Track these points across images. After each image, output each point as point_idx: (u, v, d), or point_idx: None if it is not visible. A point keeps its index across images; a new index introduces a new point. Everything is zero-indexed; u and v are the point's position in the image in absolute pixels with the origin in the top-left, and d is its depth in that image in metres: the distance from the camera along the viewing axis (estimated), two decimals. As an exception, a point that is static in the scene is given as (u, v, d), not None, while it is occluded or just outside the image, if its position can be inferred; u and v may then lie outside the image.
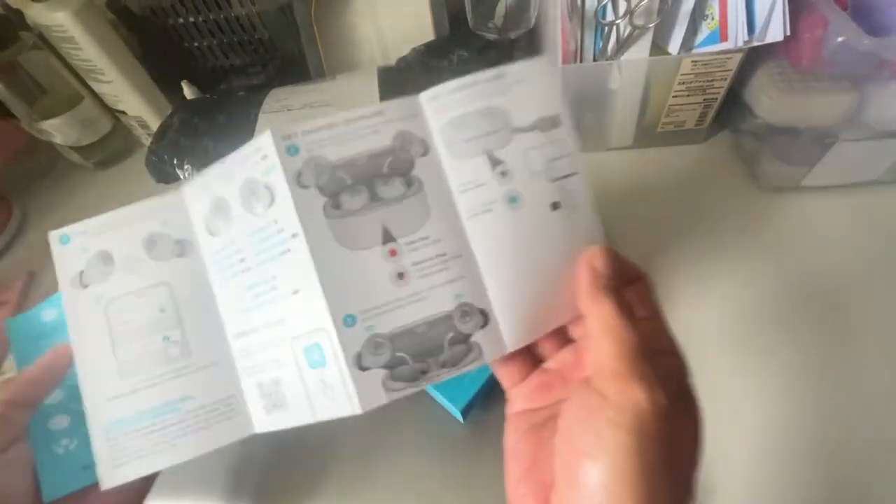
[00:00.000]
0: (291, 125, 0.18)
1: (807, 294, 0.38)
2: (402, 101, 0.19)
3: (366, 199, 0.18)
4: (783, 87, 0.40)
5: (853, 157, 0.40)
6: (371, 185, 0.18)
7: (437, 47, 0.45)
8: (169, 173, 0.39)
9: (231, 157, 0.20)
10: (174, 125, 0.40)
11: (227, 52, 0.54)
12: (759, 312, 0.37)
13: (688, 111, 0.46)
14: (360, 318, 0.17)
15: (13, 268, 0.50)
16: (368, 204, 0.18)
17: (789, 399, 0.33)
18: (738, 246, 0.41)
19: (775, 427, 0.32)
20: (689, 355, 0.35)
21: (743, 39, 0.39)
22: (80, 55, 0.48)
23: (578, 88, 0.44)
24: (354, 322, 0.17)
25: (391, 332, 0.18)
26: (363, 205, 0.18)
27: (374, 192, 0.18)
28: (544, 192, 0.20)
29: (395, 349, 0.18)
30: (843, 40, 0.35)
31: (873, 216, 0.42)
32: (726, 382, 0.34)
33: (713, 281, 0.39)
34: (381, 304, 0.18)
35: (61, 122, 0.52)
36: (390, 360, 0.18)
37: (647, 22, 0.38)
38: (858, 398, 0.33)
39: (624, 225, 0.44)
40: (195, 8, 0.51)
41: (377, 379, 0.18)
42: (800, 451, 0.31)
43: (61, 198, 0.56)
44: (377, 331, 0.18)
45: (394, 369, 0.18)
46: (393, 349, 0.18)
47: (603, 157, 0.50)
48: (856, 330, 0.36)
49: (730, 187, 0.45)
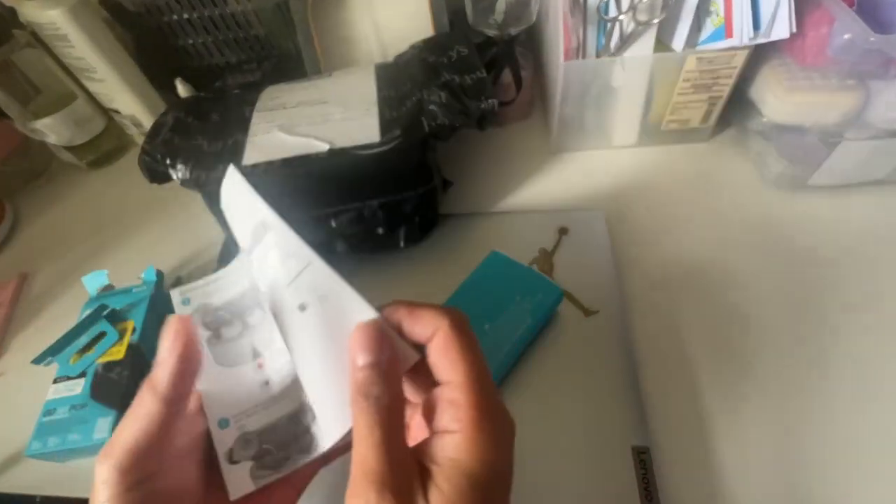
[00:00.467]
0: (187, 287, 0.23)
1: (813, 293, 0.37)
2: (240, 259, 0.24)
3: (240, 328, 0.23)
4: (788, 86, 0.40)
5: (859, 156, 0.40)
6: (242, 316, 0.23)
7: (435, 44, 0.44)
8: (162, 173, 0.38)
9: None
10: (168, 124, 0.40)
11: (222, 49, 0.54)
12: (764, 311, 0.37)
13: (693, 109, 0.45)
14: (233, 420, 0.22)
15: (6, 269, 0.49)
16: (241, 332, 0.23)
17: (791, 398, 0.33)
18: (743, 245, 0.41)
19: (779, 424, 0.32)
20: (692, 356, 0.35)
21: (748, 36, 0.38)
22: (74, 53, 0.48)
23: (581, 86, 0.43)
24: (228, 424, 0.22)
25: (258, 428, 0.22)
26: (238, 333, 0.23)
27: (244, 322, 0.23)
28: (287, 298, 0.21)
29: (262, 442, 0.22)
30: (850, 38, 0.35)
31: (879, 216, 0.41)
32: (732, 381, 0.34)
33: (718, 280, 0.39)
34: (251, 407, 0.22)
35: (54, 122, 0.51)
36: (257, 451, 0.21)
37: (651, 18, 0.38)
38: (863, 396, 0.32)
39: (628, 224, 0.43)
40: (190, 5, 0.50)
41: (245, 470, 0.21)
42: (801, 450, 0.31)
43: (54, 198, 0.56)
44: (247, 429, 0.22)
45: (260, 459, 0.21)
46: (260, 442, 0.22)
47: (607, 156, 0.49)
48: (863, 328, 0.35)
49: (735, 186, 0.45)
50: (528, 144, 0.51)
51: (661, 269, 0.40)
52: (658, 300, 0.38)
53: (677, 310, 0.37)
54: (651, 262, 0.40)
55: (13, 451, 0.36)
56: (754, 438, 0.31)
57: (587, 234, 0.41)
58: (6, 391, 0.40)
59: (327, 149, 0.37)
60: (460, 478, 0.18)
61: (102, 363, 0.35)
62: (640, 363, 0.35)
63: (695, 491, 0.30)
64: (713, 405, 0.33)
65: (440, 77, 0.40)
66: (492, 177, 0.49)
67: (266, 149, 0.38)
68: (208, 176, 0.37)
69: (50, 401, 0.34)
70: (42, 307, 0.45)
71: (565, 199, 0.46)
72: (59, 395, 0.34)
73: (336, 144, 0.37)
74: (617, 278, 0.38)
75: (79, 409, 0.34)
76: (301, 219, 0.40)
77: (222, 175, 0.37)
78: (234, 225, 0.24)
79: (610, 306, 0.37)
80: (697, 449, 0.31)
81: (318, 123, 0.39)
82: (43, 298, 0.46)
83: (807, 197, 0.43)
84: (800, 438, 0.31)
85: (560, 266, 0.40)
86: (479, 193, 0.47)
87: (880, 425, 0.31)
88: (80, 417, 0.33)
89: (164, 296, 0.42)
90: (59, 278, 0.47)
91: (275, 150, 0.37)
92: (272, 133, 0.39)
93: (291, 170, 0.37)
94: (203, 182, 0.37)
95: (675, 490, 0.30)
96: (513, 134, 0.53)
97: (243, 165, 0.37)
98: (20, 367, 0.41)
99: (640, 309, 0.37)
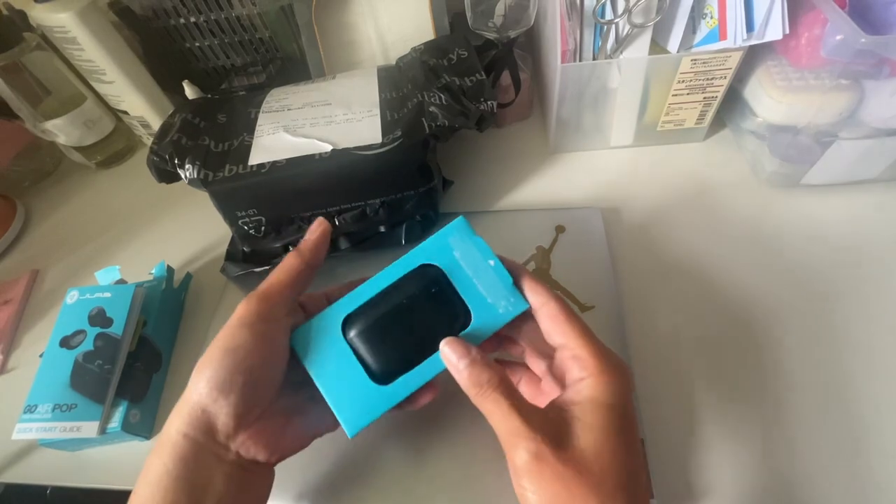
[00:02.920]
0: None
1: (806, 291, 0.38)
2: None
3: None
4: (782, 86, 0.40)
5: (852, 155, 0.40)
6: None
7: (436, 47, 0.45)
8: (170, 172, 0.39)
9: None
10: (176, 125, 0.41)
11: (228, 52, 0.55)
12: (758, 310, 0.37)
13: (688, 110, 0.46)
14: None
15: (17, 266, 0.50)
16: None
17: (784, 392, 0.33)
18: (737, 244, 0.41)
19: (773, 420, 0.32)
20: (686, 351, 0.36)
21: (742, 38, 0.39)
22: (83, 56, 0.49)
23: (578, 87, 0.44)
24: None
25: None
26: None
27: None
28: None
29: None
30: (842, 39, 0.35)
31: (872, 215, 0.42)
32: (726, 376, 0.34)
33: (713, 278, 0.39)
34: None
35: (64, 123, 0.52)
36: None
37: (646, 20, 0.39)
38: (858, 393, 0.33)
39: (624, 222, 0.44)
40: (196, 8, 0.51)
41: None
42: (803, 446, 0.31)
43: (64, 197, 0.57)
44: None
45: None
46: None
47: (604, 156, 0.50)
48: (855, 327, 0.36)
49: (730, 186, 0.46)
50: (526, 145, 0.52)
51: (657, 267, 0.41)
52: (653, 296, 0.39)
53: (672, 306, 0.38)
54: (646, 259, 0.41)
55: (26, 442, 0.37)
56: (748, 433, 0.32)
57: (584, 232, 0.42)
58: (19, 385, 0.41)
59: (331, 149, 0.38)
60: (600, 409, 0.22)
61: (82, 353, 0.35)
62: (634, 358, 0.35)
63: (688, 484, 0.30)
64: (707, 399, 0.33)
65: (440, 79, 0.41)
66: (491, 176, 0.50)
67: (271, 149, 0.39)
68: (215, 176, 0.38)
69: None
70: (53, 303, 0.46)
71: (563, 199, 0.47)
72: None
73: (339, 145, 0.38)
74: (613, 275, 0.39)
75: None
76: (306, 217, 0.41)
77: (229, 175, 0.38)
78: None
79: (606, 302, 0.38)
80: (691, 442, 0.32)
81: (322, 125, 0.40)
82: (54, 295, 0.47)
83: (800, 195, 0.44)
84: (793, 433, 0.32)
85: (557, 263, 0.41)
86: (478, 192, 0.48)
87: (875, 417, 0.32)
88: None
89: (175, 290, 0.43)
90: (69, 275, 0.49)
91: (280, 151, 0.38)
92: (277, 134, 0.40)
93: (296, 170, 0.38)
94: (210, 182, 0.38)
95: (669, 483, 0.30)
96: (512, 134, 0.54)
97: (249, 165, 0.38)
98: (31, 361, 0.42)
99: (635, 305, 0.38)
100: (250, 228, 0.41)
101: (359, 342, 0.27)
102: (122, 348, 0.36)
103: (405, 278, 0.27)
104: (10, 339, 0.44)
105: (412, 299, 0.27)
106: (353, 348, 0.27)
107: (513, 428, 0.21)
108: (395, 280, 0.27)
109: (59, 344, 0.36)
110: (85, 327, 0.36)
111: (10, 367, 0.43)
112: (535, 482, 0.21)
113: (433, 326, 0.26)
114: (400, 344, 0.27)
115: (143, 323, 0.38)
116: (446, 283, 0.27)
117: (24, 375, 0.42)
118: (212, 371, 0.24)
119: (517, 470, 0.21)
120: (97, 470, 0.36)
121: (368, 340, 0.27)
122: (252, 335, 0.24)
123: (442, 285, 0.27)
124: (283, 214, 0.41)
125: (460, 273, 0.27)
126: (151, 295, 0.40)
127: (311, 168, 0.37)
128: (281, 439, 0.26)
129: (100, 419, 0.33)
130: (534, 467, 0.21)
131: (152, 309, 0.39)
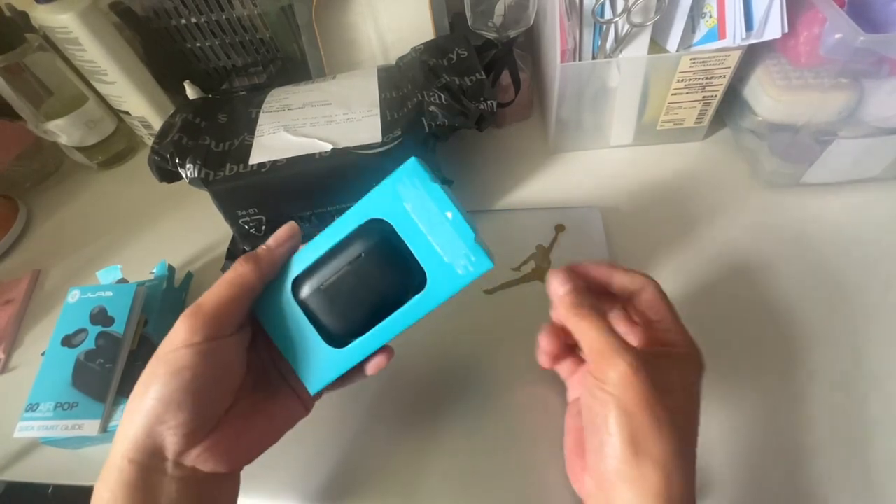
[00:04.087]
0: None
1: (806, 290, 0.38)
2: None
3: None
4: (782, 85, 0.40)
5: (852, 154, 0.40)
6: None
7: (436, 47, 0.45)
8: (172, 172, 0.39)
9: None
10: (177, 125, 0.41)
11: (229, 52, 0.55)
12: (759, 309, 0.37)
13: (687, 109, 0.46)
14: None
15: (19, 266, 0.51)
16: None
17: (782, 386, 0.33)
18: (737, 243, 0.41)
19: (770, 412, 0.32)
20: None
21: (741, 37, 0.39)
22: (85, 56, 0.49)
23: (577, 86, 0.44)
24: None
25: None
26: None
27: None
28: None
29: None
30: (840, 37, 0.35)
31: (872, 213, 0.42)
32: (724, 371, 0.34)
33: (713, 278, 0.39)
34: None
35: (66, 123, 0.53)
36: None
37: (645, 20, 0.39)
38: (861, 390, 0.33)
39: (624, 221, 0.44)
40: (197, 9, 0.51)
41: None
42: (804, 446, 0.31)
43: (66, 197, 0.57)
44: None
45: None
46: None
47: (603, 155, 0.50)
48: (856, 326, 0.36)
49: (729, 184, 0.46)
50: (526, 144, 0.52)
51: (656, 265, 0.41)
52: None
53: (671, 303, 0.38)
54: (646, 257, 0.41)
55: (28, 441, 0.37)
56: (746, 425, 0.32)
57: (584, 231, 0.42)
58: (20, 383, 0.41)
59: (331, 149, 0.38)
60: (692, 363, 0.25)
61: (84, 352, 0.35)
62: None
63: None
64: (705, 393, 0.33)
65: (440, 79, 0.41)
66: (491, 176, 0.50)
67: (272, 149, 0.39)
68: (216, 175, 0.38)
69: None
70: (55, 302, 0.47)
71: (563, 198, 0.47)
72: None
73: (339, 144, 0.38)
74: (612, 274, 0.39)
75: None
76: (306, 216, 0.41)
77: (229, 174, 0.39)
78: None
79: (605, 301, 0.38)
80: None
81: (322, 124, 0.40)
82: (55, 294, 0.48)
83: (800, 194, 0.44)
84: (793, 433, 0.32)
85: (557, 262, 0.41)
86: (478, 192, 0.48)
87: (870, 410, 0.32)
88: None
89: (176, 289, 0.43)
90: (70, 274, 0.49)
91: (280, 150, 0.39)
92: (278, 133, 0.40)
93: (296, 169, 0.38)
94: (211, 181, 0.38)
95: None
96: (511, 134, 0.54)
97: (250, 164, 0.38)
98: (33, 360, 0.42)
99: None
100: (251, 227, 0.41)
101: (307, 305, 0.25)
102: (123, 347, 0.36)
103: (350, 238, 0.25)
104: (12, 338, 0.44)
105: (356, 263, 0.24)
106: (303, 311, 0.25)
107: (612, 344, 0.23)
108: (341, 239, 0.25)
109: (60, 343, 0.36)
110: (86, 326, 0.36)
111: (12, 365, 0.43)
112: (624, 391, 0.22)
113: (381, 291, 0.25)
114: (348, 309, 0.25)
115: (145, 322, 0.38)
116: (396, 240, 0.24)
117: (26, 374, 0.42)
118: (157, 391, 0.22)
119: (607, 380, 0.22)
120: (99, 468, 0.35)
121: (316, 304, 0.25)
122: (198, 355, 0.23)
123: (391, 244, 0.24)
124: (283, 213, 0.41)
125: (412, 228, 0.24)
126: (152, 294, 0.40)
127: (311, 167, 0.38)
128: (240, 445, 0.25)
129: (101, 417, 0.33)
130: (627, 380, 0.22)
131: (153, 308, 0.39)
